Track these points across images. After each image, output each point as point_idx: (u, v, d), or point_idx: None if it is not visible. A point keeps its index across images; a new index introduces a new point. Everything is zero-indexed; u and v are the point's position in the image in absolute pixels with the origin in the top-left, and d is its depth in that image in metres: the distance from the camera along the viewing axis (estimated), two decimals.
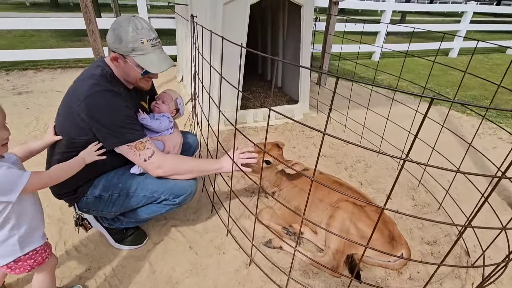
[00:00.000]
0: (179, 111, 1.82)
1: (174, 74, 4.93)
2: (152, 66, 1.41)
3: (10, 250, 1.07)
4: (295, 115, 3.54)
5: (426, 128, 2.74)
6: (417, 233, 1.94)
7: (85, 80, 1.35)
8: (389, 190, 2.41)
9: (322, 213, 1.86)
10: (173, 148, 1.64)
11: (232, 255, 1.74)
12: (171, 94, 1.75)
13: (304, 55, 3.37)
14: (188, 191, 1.52)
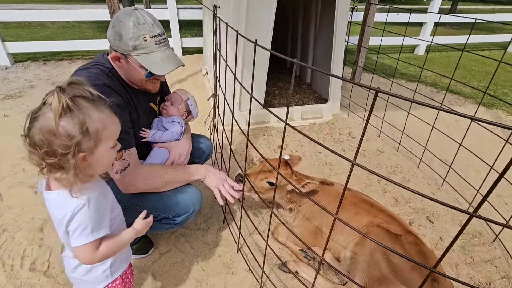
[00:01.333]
0: (191, 114, 1.64)
1: (199, 67, 4.80)
2: (156, 67, 1.23)
3: (102, 277, 0.98)
4: (323, 116, 3.23)
5: (481, 133, 2.32)
6: (464, 270, 1.61)
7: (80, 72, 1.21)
8: (431, 211, 2.08)
9: (347, 238, 1.60)
10: (179, 157, 1.47)
11: (241, 276, 1.55)
12: (181, 94, 1.57)
13: (337, 49, 3.03)
14: (190, 210, 1.35)
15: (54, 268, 1.56)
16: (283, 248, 1.74)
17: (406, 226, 1.54)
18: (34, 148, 0.75)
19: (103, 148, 0.83)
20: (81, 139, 0.75)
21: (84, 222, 0.81)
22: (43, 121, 0.74)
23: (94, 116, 0.79)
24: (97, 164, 0.84)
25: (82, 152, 0.78)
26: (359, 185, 2.29)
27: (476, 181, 2.30)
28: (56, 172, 0.77)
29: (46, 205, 0.87)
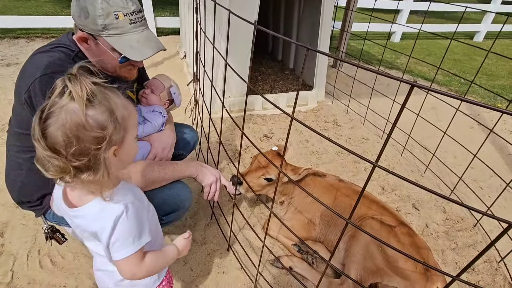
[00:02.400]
0: (174, 102, 1.48)
1: (176, 50, 4.50)
2: (132, 51, 1.06)
3: (151, 282, 0.93)
4: (308, 103, 3.17)
5: (454, 121, 2.41)
6: (450, 256, 1.66)
7: (39, 56, 1.01)
8: (416, 198, 2.12)
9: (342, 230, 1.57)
10: (162, 150, 1.33)
11: (233, 275, 1.48)
12: (163, 81, 1.40)
13: (323, 34, 2.93)
14: (179, 208, 1.23)
15: (19, 278, 1.38)
16: (274, 242, 1.68)
17: (399, 217, 1.54)
18: (56, 151, 0.60)
19: (130, 139, 0.71)
20: (112, 129, 0.64)
21: (124, 232, 0.71)
22: (65, 115, 0.59)
23: (118, 103, 0.67)
24: (123, 159, 0.71)
25: (114, 145, 0.65)
26: (346, 173, 2.28)
27: (455, 167, 2.38)
28: (82, 174, 0.63)
29: (69, 221, 0.76)
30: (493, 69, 5.51)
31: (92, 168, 0.64)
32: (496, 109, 0.55)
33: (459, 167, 2.39)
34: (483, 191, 2.27)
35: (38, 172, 1.14)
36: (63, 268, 1.45)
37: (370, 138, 2.75)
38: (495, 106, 0.56)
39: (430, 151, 2.33)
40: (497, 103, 3.95)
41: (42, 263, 1.46)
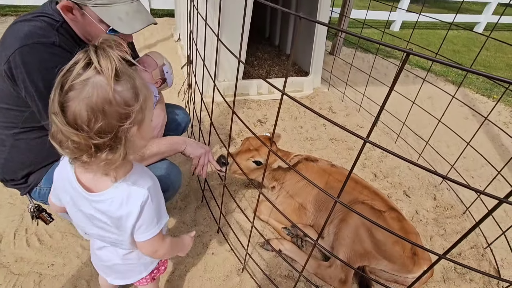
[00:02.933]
0: (166, 81, 1.44)
1: (171, 32, 4.39)
2: (120, 23, 1.01)
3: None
4: (304, 89, 3.13)
5: (448, 110, 2.41)
6: (438, 242, 1.68)
7: (20, 25, 0.96)
8: (407, 186, 2.13)
9: (332, 214, 1.57)
10: (152, 130, 1.29)
11: (222, 257, 1.48)
12: (155, 58, 1.35)
13: (320, 18, 2.86)
14: (168, 188, 1.21)
15: (5, 256, 1.37)
16: (265, 226, 1.68)
17: (389, 202, 1.55)
18: (77, 127, 0.56)
19: (148, 120, 0.68)
20: (136, 107, 0.61)
21: (150, 215, 0.73)
22: (92, 88, 0.55)
23: (141, 82, 0.64)
24: (141, 141, 0.68)
25: (135, 125, 0.63)
26: (339, 159, 2.28)
27: (448, 156, 2.39)
28: (100, 153, 0.60)
29: (85, 206, 0.74)
30: (491, 61, 5.48)
31: (112, 147, 0.61)
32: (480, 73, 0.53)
33: (451, 156, 2.40)
34: (474, 180, 2.29)
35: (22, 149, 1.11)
36: (51, 247, 1.44)
37: (365, 126, 2.73)
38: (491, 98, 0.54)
39: (424, 139, 2.33)
40: (493, 95, 3.94)
41: (29, 242, 1.45)
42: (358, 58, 4.45)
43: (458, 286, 1.45)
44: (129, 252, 0.88)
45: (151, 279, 0.98)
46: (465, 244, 1.68)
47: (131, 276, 0.94)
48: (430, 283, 1.46)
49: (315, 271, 1.45)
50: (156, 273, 0.99)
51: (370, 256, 1.40)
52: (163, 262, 1.01)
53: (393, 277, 1.45)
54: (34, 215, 1.25)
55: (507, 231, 1.59)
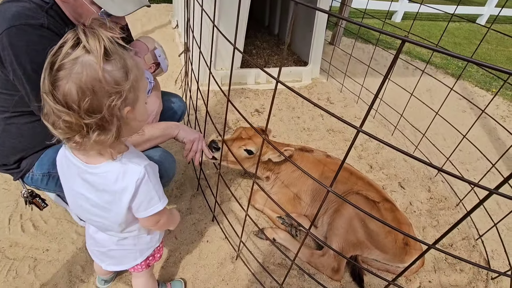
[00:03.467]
0: (159, 66, 1.42)
1: (168, 19, 4.30)
2: (113, 5, 0.98)
3: (154, 241, 0.97)
4: (302, 79, 3.10)
5: (446, 103, 2.40)
6: (430, 233, 1.70)
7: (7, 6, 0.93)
8: (402, 177, 2.15)
9: (327, 205, 1.58)
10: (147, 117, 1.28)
11: (217, 245, 1.49)
12: (146, 42, 1.32)
13: (322, 6, 2.81)
14: (162, 177, 1.20)
15: (0, 240, 1.37)
16: (259, 215, 1.70)
17: (383, 193, 1.56)
18: (68, 106, 0.56)
19: (141, 102, 0.68)
20: (127, 87, 0.61)
21: (148, 193, 0.74)
22: (81, 67, 0.55)
23: (132, 62, 0.64)
24: (135, 123, 0.69)
25: (128, 105, 0.63)
26: (336, 151, 2.28)
27: (444, 149, 2.39)
28: (92, 134, 0.60)
29: (79, 178, 0.74)
30: (492, 54, 5.45)
31: (104, 128, 0.61)
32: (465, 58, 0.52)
33: (448, 149, 2.40)
34: (469, 173, 2.30)
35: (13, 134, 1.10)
36: (46, 233, 1.44)
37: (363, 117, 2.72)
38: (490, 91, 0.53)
39: (421, 132, 2.33)
40: (492, 88, 3.93)
41: (24, 227, 1.45)
42: (358, 49, 4.40)
43: (448, 276, 1.48)
44: (124, 238, 0.88)
45: (146, 265, 0.98)
46: (457, 236, 1.70)
47: (126, 262, 0.95)
48: (421, 272, 1.48)
49: (308, 260, 1.47)
50: (152, 260, 1.00)
51: (363, 246, 1.42)
52: (159, 250, 1.02)
53: (385, 267, 1.47)
54: (27, 201, 1.25)
55: (498, 223, 1.62)
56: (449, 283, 1.45)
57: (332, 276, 1.41)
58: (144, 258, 0.96)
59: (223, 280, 1.35)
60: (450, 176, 2.15)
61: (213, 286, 1.32)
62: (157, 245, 0.98)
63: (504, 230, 1.81)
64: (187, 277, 1.35)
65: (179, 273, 1.37)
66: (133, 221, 0.83)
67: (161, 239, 1.01)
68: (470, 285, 1.44)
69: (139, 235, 0.90)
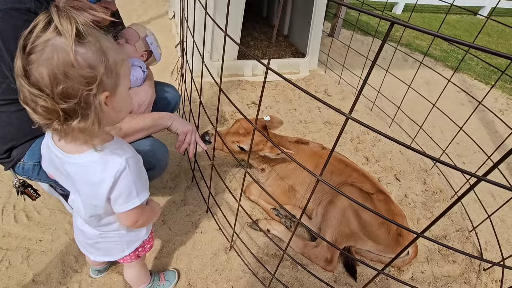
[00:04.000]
0: (152, 55, 1.39)
1: (165, 9, 4.24)
2: None
3: (143, 232, 0.96)
4: (300, 71, 3.07)
5: (445, 96, 2.38)
6: (424, 225, 1.70)
7: None
8: (398, 170, 2.14)
9: (321, 196, 1.58)
10: (139, 107, 1.26)
11: (211, 235, 1.49)
12: (137, 30, 1.29)
13: None
14: (154, 167, 1.19)
15: None
16: (254, 206, 1.69)
17: (378, 185, 1.55)
18: (42, 90, 0.54)
19: (123, 89, 0.66)
20: (103, 71, 0.58)
21: (128, 186, 0.72)
22: (52, 50, 0.53)
23: (109, 46, 0.61)
24: (117, 111, 0.67)
25: (105, 90, 0.60)
26: (332, 143, 2.27)
27: (441, 142, 2.39)
28: (71, 120, 0.58)
29: (61, 167, 0.72)
30: (493, 47, 5.39)
31: (82, 114, 0.59)
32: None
33: (445, 142, 2.40)
34: (466, 165, 2.30)
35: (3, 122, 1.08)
36: (39, 223, 1.44)
37: (360, 110, 2.71)
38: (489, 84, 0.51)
39: (418, 124, 2.32)
40: (491, 81, 3.90)
41: (17, 218, 1.45)
42: (357, 41, 4.36)
43: (441, 267, 1.48)
44: (107, 231, 0.87)
45: (135, 257, 0.98)
46: (451, 227, 1.70)
47: (114, 254, 0.94)
48: (414, 263, 1.49)
49: (301, 251, 1.47)
50: (141, 251, 0.99)
51: (356, 237, 1.42)
52: (148, 241, 1.01)
53: (378, 258, 1.47)
54: (19, 191, 1.24)
55: (493, 216, 1.62)
56: (441, 274, 1.45)
57: (325, 267, 1.41)
58: (132, 250, 0.95)
59: (216, 271, 1.35)
60: (446, 169, 2.15)
61: (207, 276, 1.33)
62: (145, 237, 0.97)
63: (498, 222, 1.81)
64: (181, 268, 1.35)
65: (173, 264, 1.37)
66: (109, 216, 0.82)
67: (150, 232, 1.00)
68: (462, 276, 1.45)
69: (119, 231, 0.88)
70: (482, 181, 0.54)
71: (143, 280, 1.13)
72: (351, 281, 1.38)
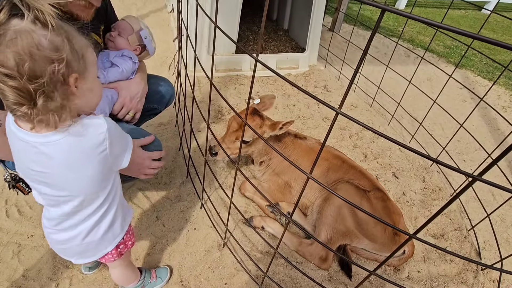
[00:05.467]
0: (146, 48, 1.36)
1: (164, 3, 4.18)
2: None
3: (118, 230, 0.92)
4: (300, 66, 3.03)
5: (447, 93, 2.34)
6: (422, 223, 1.67)
7: None
8: (397, 167, 2.11)
9: (316, 193, 1.55)
10: (130, 100, 1.23)
11: (204, 232, 1.47)
12: (131, 23, 1.26)
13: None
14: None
15: None
16: (249, 203, 1.67)
17: (375, 182, 1.52)
18: (10, 74, 0.55)
19: (91, 74, 0.67)
20: (70, 54, 0.60)
21: (119, 136, 0.77)
22: (15, 33, 0.53)
23: (74, 34, 0.63)
24: (87, 96, 0.68)
25: (74, 72, 0.61)
26: (330, 139, 2.24)
27: (442, 139, 2.35)
28: (39, 100, 0.58)
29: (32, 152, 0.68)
30: None
31: (51, 96, 0.59)
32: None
33: (446, 139, 2.35)
34: (466, 163, 2.26)
35: None
36: (30, 218, 1.42)
37: (359, 106, 2.67)
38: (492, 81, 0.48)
39: (418, 121, 2.28)
40: (495, 78, 3.84)
41: (9, 213, 1.43)
42: (359, 36, 4.29)
43: (437, 266, 1.46)
44: (94, 228, 0.84)
45: (117, 254, 0.95)
46: (449, 226, 1.68)
47: (94, 255, 0.91)
48: (410, 262, 1.46)
49: (296, 248, 1.45)
50: (123, 249, 0.97)
51: (352, 235, 1.40)
52: (129, 237, 0.98)
53: (374, 256, 1.45)
54: (10, 185, 1.22)
55: (493, 215, 1.59)
56: (438, 273, 1.43)
57: (320, 265, 1.39)
58: (107, 250, 0.91)
59: (209, 268, 1.34)
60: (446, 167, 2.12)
61: (199, 274, 1.31)
62: (119, 238, 0.93)
63: (498, 221, 1.78)
64: (173, 264, 1.34)
65: (165, 260, 1.35)
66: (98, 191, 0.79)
67: (125, 230, 0.95)
68: (459, 275, 1.43)
69: (108, 225, 0.86)
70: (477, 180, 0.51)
71: (131, 278, 1.11)
72: (346, 280, 1.36)
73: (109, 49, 1.29)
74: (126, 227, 0.96)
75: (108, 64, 1.23)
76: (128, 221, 0.97)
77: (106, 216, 0.85)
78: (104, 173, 0.76)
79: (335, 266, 1.42)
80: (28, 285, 1.20)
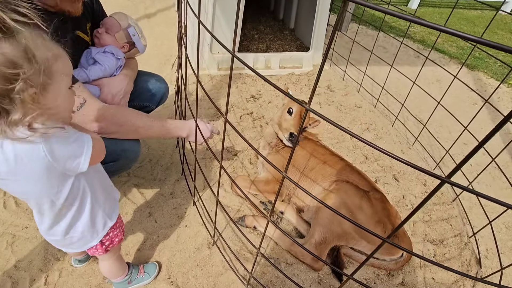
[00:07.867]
0: (135, 46, 1.35)
1: (172, 1, 4.22)
2: None
3: (101, 223, 0.92)
4: (303, 66, 2.99)
5: (457, 94, 2.23)
6: (421, 228, 1.62)
7: None
8: (398, 170, 2.05)
9: (314, 192, 1.53)
10: (112, 97, 1.22)
11: (195, 230, 1.47)
12: (118, 19, 1.25)
13: None
14: (119, 157, 1.16)
15: None
16: (243, 202, 1.66)
17: (373, 184, 1.49)
18: None
19: (58, 86, 0.62)
20: (28, 69, 0.55)
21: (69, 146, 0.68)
22: None
23: (39, 42, 0.58)
24: (50, 108, 0.63)
25: (32, 87, 0.57)
26: (330, 140, 2.20)
27: (448, 142, 2.26)
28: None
29: None
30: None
31: (5, 110, 0.56)
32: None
33: (452, 142, 2.28)
34: (472, 168, 2.18)
35: None
36: (26, 210, 1.45)
37: (363, 106, 2.61)
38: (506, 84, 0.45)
39: (422, 123, 2.21)
40: (509, 80, 3.69)
41: (6, 204, 1.47)
42: (367, 36, 4.21)
43: (434, 273, 1.41)
44: (67, 232, 0.85)
45: (103, 250, 0.95)
46: (449, 232, 1.61)
47: (80, 247, 0.92)
48: (406, 267, 1.41)
49: (288, 248, 1.43)
50: (109, 245, 0.97)
51: (349, 237, 1.37)
52: (116, 234, 0.98)
53: (370, 260, 1.41)
54: None
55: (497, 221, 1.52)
56: (434, 280, 1.38)
57: (312, 265, 1.36)
58: (98, 240, 0.92)
59: (197, 265, 1.33)
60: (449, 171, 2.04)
61: (188, 271, 1.31)
62: (102, 234, 0.92)
63: (503, 228, 1.71)
64: (163, 261, 1.34)
65: (155, 256, 1.35)
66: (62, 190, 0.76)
67: (109, 227, 0.94)
68: (457, 283, 1.37)
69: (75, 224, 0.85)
70: (446, 183, 0.48)
71: (118, 273, 1.12)
72: (336, 283, 1.33)
73: (96, 46, 1.28)
74: (111, 223, 0.95)
75: (91, 61, 1.23)
76: (114, 218, 0.96)
77: (80, 216, 0.84)
78: (50, 180, 0.71)
79: (326, 269, 1.39)
80: (19, 275, 1.22)
